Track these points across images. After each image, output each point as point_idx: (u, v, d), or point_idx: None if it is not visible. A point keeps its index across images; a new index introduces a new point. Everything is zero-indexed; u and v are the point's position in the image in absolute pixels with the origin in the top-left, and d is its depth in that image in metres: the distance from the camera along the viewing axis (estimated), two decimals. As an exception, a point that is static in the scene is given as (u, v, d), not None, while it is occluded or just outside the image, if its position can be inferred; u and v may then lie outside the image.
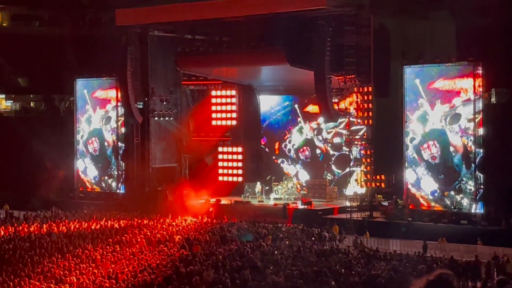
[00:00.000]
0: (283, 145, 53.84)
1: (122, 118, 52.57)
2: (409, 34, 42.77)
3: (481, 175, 38.72)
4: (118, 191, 52.72)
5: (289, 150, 53.57)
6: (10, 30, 58.59)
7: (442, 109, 39.50)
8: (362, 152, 45.23)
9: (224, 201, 49.04)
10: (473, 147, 38.75)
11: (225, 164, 54.71)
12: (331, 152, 51.46)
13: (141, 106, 51.95)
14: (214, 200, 48.64)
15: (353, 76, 44.10)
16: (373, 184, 44.03)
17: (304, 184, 50.77)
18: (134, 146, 51.93)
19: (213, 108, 54.70)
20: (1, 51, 57.42)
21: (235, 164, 54.41)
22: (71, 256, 29.05)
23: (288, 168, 53.43)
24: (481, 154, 38.78)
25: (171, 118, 53.51)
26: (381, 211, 42.29)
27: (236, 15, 46.34)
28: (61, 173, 53.39)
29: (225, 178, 54.48)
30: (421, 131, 40.32)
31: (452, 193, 39.52)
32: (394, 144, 41.43)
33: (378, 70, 42.41)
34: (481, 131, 38.70)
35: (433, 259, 31.19)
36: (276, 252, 30.77)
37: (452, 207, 39.36)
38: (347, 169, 48.46)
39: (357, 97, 44.83)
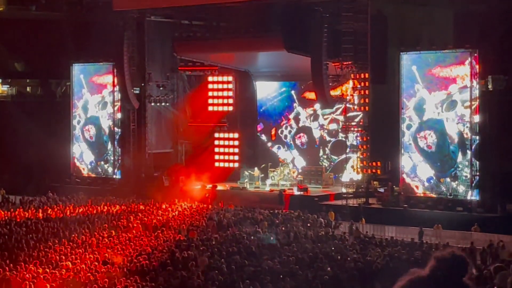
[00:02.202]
0: (279, 131, 53.87)
1: (119, 104, 52.49)
2: (406, 20, 42.72)
3: (477, 162, 38.78)
4: (114, 176, 52.72)
5: (285, 136, 53.61)
6: (7, 15, 58.34)
7: (439, 96, 39.51)
8: (358, 138, 45.28)
9: (220, 187, 49.08)
10: (469, 134, 38.77)
11: (222, 150, 54.73)
12: (328, 138, 51.51)
13: (137, 92, 51.91)
14: (210, 186, 48.66)
15: (350, 62, 44.06)
16: (369, 171, 44.09)
17: (300, 170, 50.82)
18: (130, 132, 51.91)
19: (210, 94, 54.64)
20: (-3, 36, 57.29)
21: (231, 150, 54.45)
22: (67, 241, 29.10)
23: (284, 154, 53.46)
24: (477, 141, 38.82)
25: (168, 104, 53.49)
26: (377, 197, 42.36)
27: (234, 0, 46.22)
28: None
29: (221, 164, 54.52)
30: (418, 118, 40.33)
31: (448, 180, 39.58)
32: (391, 131, 41.46)
33: (375, 56, 42.34)
34: (477, 118, 38.72)
35: (429, 245, 31.25)
36: (272, 238, 30.83)
37: (448, 193, 39.44)
38: (343, 156, 48.51)
39: (353, 84, 44.83)
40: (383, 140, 42.92)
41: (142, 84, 52.04)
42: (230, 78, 54.10)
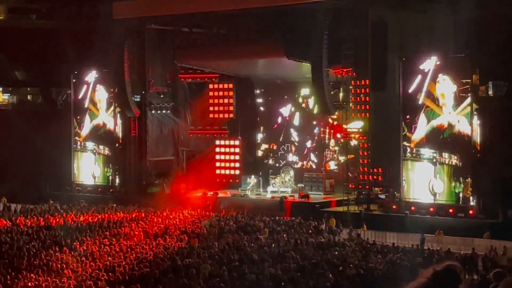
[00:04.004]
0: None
1: (119, 111, 52.47)
2: (407, 27, 42.68)
3: (478, 168, 38.72)
4: (115, 184, 52.66)
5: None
6: (7, 23, 58.35)
7: (439, 101, 39.49)
8: (359, 145, 45.22)
9: (221, 194, 49.05)
10: (469, 139, 38.73)
11: (222, 157, 54.73)
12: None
13: (138, 99, 51.94)
14: (211, 193, 48.64)
15: (350, 69, 44.09)
16: (370, 177, 44.03)
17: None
18: (131, 139, 51.92)
19: (211, 101, 54.66)
20: (-2, 44, 57.31)
21: (232, 157, 54.45)
22: (69, 249, 29.08)
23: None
24: (478, 147, 38.77)
25: (169, 111, 53.51)
26: (378, 204, 42.31)
27: (234, 8, 46.24)
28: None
29: (222, 171, 54.52)
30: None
31: (449, 186, 39.54)
32: (391, 137, 41.43)
33: (375, 63, 42.34)
34: (477, 123, 38.69)
35: (430, 252, 31.23)
36: (273, 245, 30.80)
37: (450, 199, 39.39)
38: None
39: (354, 90, 44.84)
40: (383, 146, 42.89)
41: (143, 92, 52.08)
42: (231, 85, 54.13)
